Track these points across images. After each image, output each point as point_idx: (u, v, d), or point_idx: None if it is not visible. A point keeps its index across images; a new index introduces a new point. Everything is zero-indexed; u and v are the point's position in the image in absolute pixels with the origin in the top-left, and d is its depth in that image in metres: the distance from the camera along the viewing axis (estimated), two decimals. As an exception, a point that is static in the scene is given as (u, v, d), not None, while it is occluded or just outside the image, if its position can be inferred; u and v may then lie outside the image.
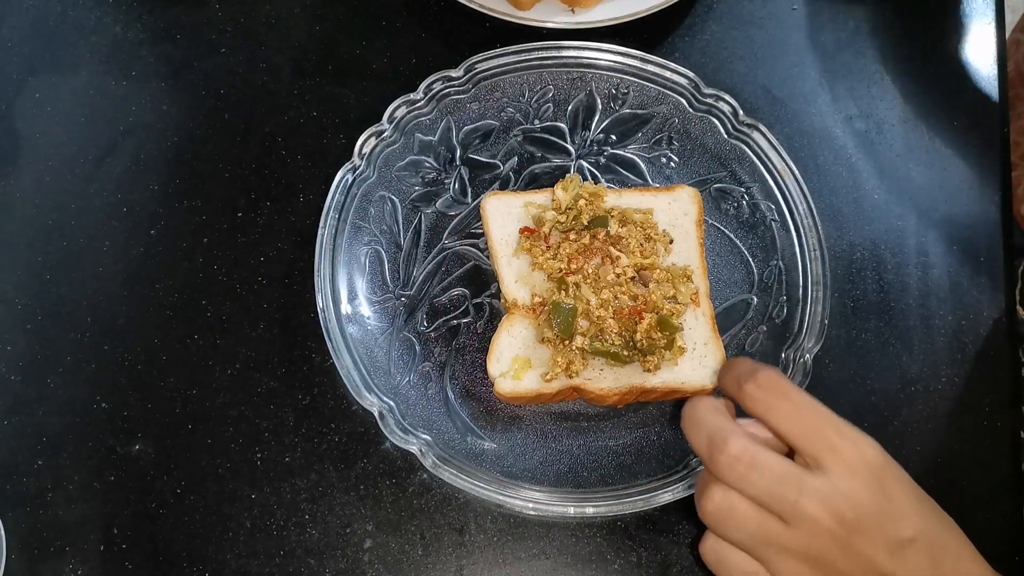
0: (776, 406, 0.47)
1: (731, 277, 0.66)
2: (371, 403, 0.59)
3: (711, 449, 0.46)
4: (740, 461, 0.45)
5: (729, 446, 0.45)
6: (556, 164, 0.68)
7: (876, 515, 0.45)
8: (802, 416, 0.46)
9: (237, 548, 0.60)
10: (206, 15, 0.73)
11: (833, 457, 0.45)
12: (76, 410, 0.62)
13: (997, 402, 0.64)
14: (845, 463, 0.45)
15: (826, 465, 0.45)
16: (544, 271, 0.62)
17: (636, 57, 0.68)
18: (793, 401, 0.47)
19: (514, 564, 0.60)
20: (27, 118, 0.69)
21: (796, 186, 0.65)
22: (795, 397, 0.47)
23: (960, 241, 0.68)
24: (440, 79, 0.66)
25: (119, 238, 0.66)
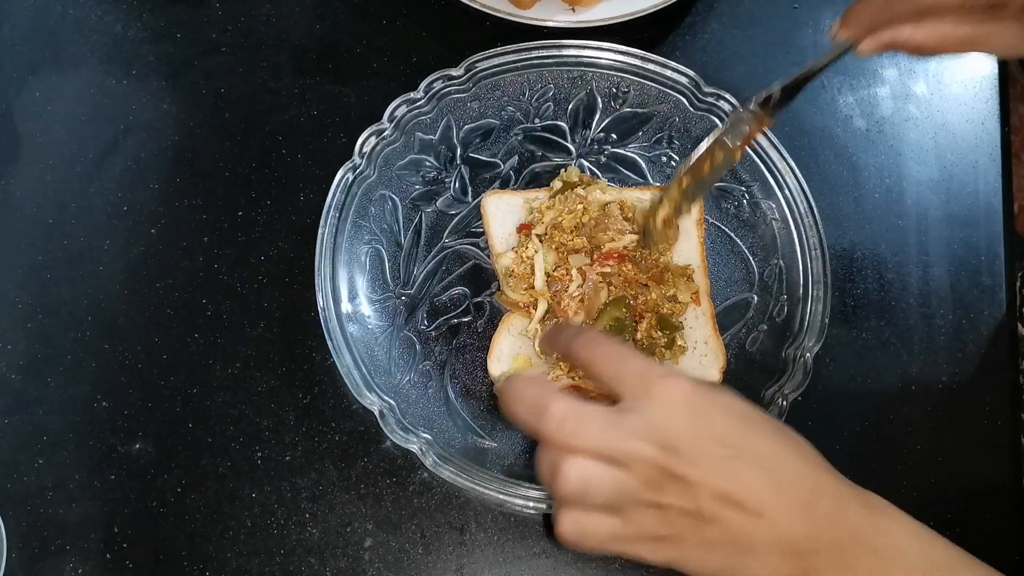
0: (597, 357, 0.48)
1: (731, 276, 0.66)
2: (372, 402, 0.59)
3: (537, 417, 0.46)
4: (568, 418, 0.45)
5: (553, 408, 0.46)
6: (557, 163, 0.68)
7: (693, 435, 0.45)
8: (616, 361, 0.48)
9: (237, 547, 0.60)
10: (207, 14, 0.73)
11: (644, 391, 0.46)
12: (77, 409, 0.62)
13: (997, 402, 0.64)
14: (657, 395, 0.46)
15: (642, 402, 0.46)
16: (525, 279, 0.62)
17: (637, 56, 0.68)
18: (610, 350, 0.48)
19: (514, 563, 0.60)
20: (28, 117, 0.69)
21: (796, 185, 0.65)
22: (612, 347, 0.49)
23: (960, 240, 0.68)
24: (441, 78, 0.66)
25: (119, 237, 0.66)
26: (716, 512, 0.44)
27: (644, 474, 0.45)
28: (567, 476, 0.45)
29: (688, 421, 0.45)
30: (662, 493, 0.45)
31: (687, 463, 0.44)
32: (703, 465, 0.44)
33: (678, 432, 0.45)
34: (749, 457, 0.45)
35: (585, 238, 0.62)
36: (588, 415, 0.45)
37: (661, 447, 0.44)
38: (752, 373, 0.63)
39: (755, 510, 0.44)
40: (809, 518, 0.44)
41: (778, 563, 0.45)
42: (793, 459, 0.46)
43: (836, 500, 0.45)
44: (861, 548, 0.44)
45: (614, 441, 0.45)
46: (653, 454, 0.44)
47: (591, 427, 0.45)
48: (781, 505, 0.44)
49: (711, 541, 0.45)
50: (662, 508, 0.45)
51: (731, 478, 0.44)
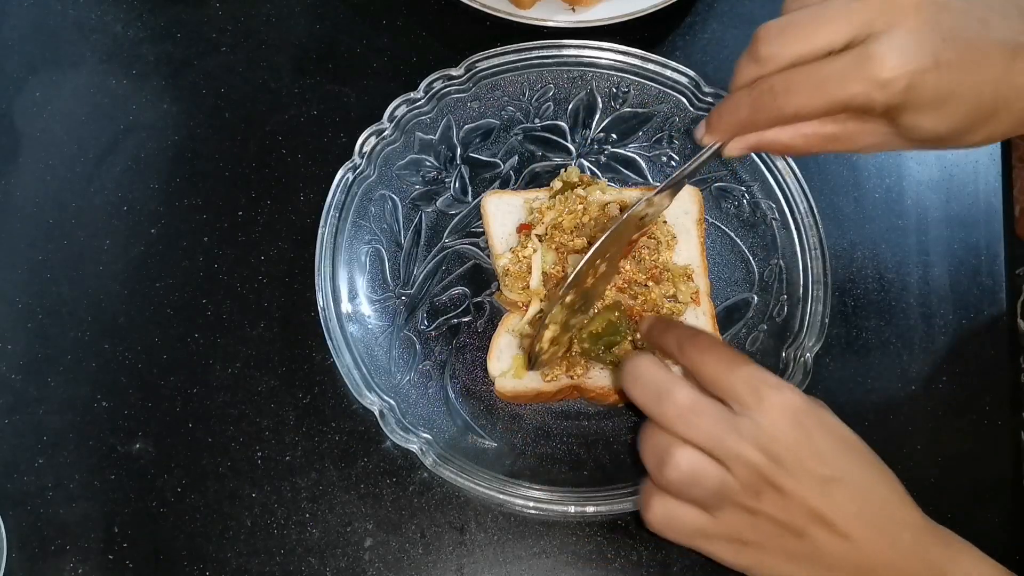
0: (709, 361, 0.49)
1: (732, 276, 0.66)
2: (372, 402, 0.59)
3: (658, 400, 0.48)
4: (689, 408, 0.47)
5: (677, 395, 0.47)
6: (557, 163, 0.68)
7: (798, 451, 0.46)
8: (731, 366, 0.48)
9: (238, 547, 0.60)
10: (207, 14, 0.73)
11: (756, 400, 0.47)
12: (77, 409, 0.62)
13: (997, 401, 0.64)
14: (768, 405, 0.46)
15: (750, 408, 0.47)
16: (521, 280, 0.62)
17: (637, 56, 0.68)
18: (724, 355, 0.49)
19: (514, 563, 0.60)
20: (28, 117, 0.69)
21: (797, 185, 0.65)
22: (725, 352, 0.49)
23: (960, 240, 0.68)
24: (440, 78, 0.66)
25: (120, 237, 0.66)
26: (805, 527, 0.46)
27: (746, 478, 0.46)
28: (676, 463, 0.47)
29: (795, 434, 0.46)
30: (759, 499, 0.46)
31: (787, 475, 0.46)
32: (802, 480, 0.46)
33: (784, 443, 0.46)
34: (846, 481, 0.46)
35: (585, 238, 0.62)
36: (708, 409, 0.47)
37: (767, 455, 0.46)
38: (752, 373, 0.62)
39: (843, 532, 0.46)
40: (891, 548, 0.46)
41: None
42: (885, 490, 0.48)
43: (918, 534, 0.47)
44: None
45: (726, 440, 0.46)
46: (758, 460, 0.46)
47: (708, 421, 0.47)
48: (868, 532, 0.46)
49: (794, 554, 0.47)
50: (754, 514, 0.47)
51: (826, 498, 0.46)
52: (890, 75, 0.44)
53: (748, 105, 0.48)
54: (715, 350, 0.49)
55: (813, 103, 0.46)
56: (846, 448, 0.48)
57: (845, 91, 0.45)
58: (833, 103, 0.46)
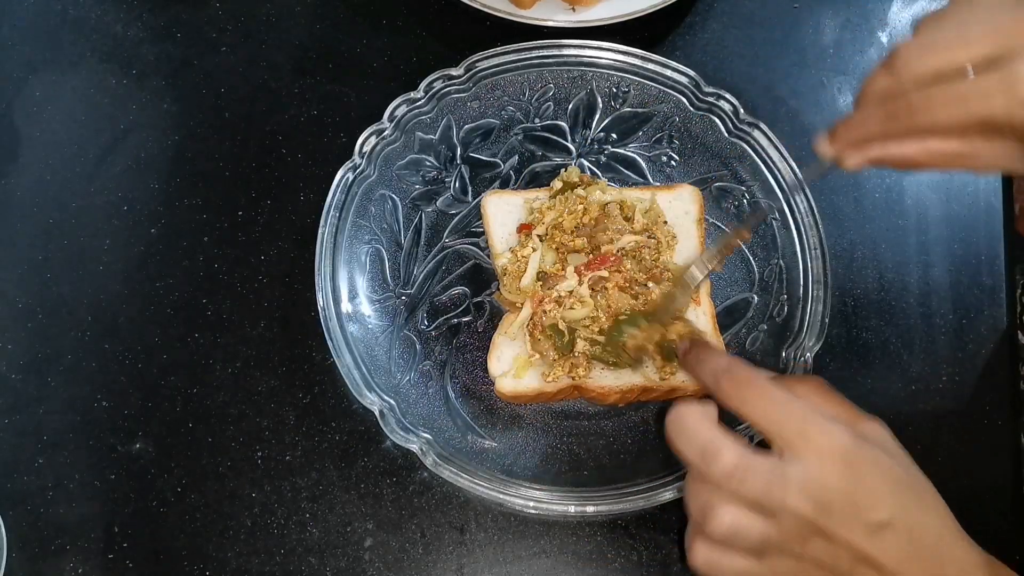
0: (750, 399, 0.48)
1: (732, 276, 0.66)
2: (372, 402, 0.59)
3: (706, 460, 0.47)
4: (738, 468, 0.46)
5: (725, 455, 0.46)
6: (557, 163, 0.68)
7: (848, 498, 0.45)
8: (774, 407, 0.47)
9: (238, 546, 0.60)
10: (207, 13, 0.73)
11: (804, 443, 0.46)
12: (77, 409, 0.62)
13: (997, 401, 0.64)
14: (816, 448, 0.46)
15: (798, 452, 0.46)
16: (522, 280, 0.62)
17: (637, 56, 0.68)
18: (766, 394, 0.48)
19: (514, 563, 0.60)
20: (28, 116, 0.69)
21: (797, 185, 0.65)
22: (767, 390, 0.48)
23: (960, 240, 0.68)
24: (441, 78, 0.66)
25: (120, 236, 0.66)
26: (852, 570, 0.46)
27: (793, 527, 0.46)
28: (720, 520, 0.46)
29: (843, 477, 0.46)
30: (805, 546, 0.46)
31: (836, 522, 0.45)
32: (851, 526, 0.45)
33: (833, 489, 0.45)
34: (895, 521, 0.46)
35: (585, 239, 0.62)
36: (756, 467, 0.46)
37: (815, 504, 0.45)
38: (752, 373, 0.62)
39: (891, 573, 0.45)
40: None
41: None
42: (936, 528, 0.47)
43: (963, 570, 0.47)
44: None
45: (774, 495, 0.46)
46: (807, 511, 0.45)
47: (757, 480, 0.46)
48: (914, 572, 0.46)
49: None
50: (800, 559, 0.46)
51: (875, 541, 0.45)
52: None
53: (881, 117, 0.47)
54: (755, 387, 0.48)
55: (952, 118, 0.45)
56: (898, 488, 0.47)
57: (987, 108, 0.44)
58: (973, 119, 0.45)
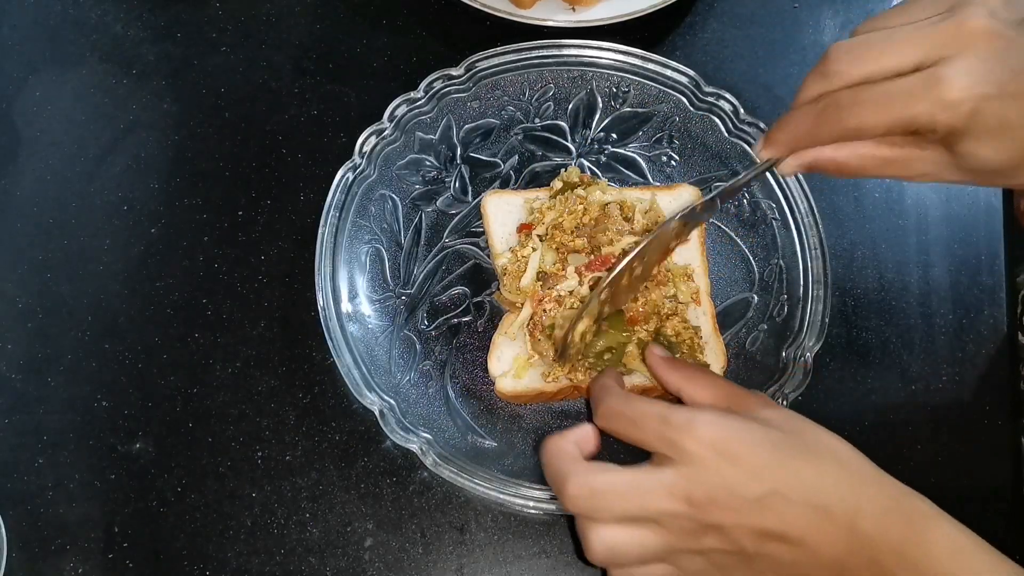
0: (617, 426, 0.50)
1: (732, 276, 0.66)
2: (372, 402, 0.59)
3: (559, 489, 0.48)
4: (580, 497, 0.47)
5: (567, 488, 0.47)
6: (557, 163, 0.68)
7: (724, 483, 0.46)
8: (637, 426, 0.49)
9: (238, 546, 0.60)
10: (207, 13, 0.73)
11: (674, 450, 0.47)
12: (77, 408, 0.62)
13: (997, 401, 0.64)
14: (685, 451, 0.46)
15: (671, 458, 0.47)
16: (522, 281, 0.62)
17: (637, 56, 0.68)
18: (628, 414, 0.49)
19: (514, 563, 0.60)
20: (28, 116, 0.69)
21: (797, 185, 0.65)
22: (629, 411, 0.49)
23: (960, 240, 0.68)
24: (441, 77, 0.66)
25: (120, 236, 0.66)
26: (759, 548, 0.46)
27: (679, 527, 0.46)
28: (592, 548, 0.47)
29: (716, 468, 0.46)
30: (701, 541, 0.46)
31: (721, 510, 0.45)
32: (738, 508, 0.45)
33: (709, 482, 0.46)
34: (787, 489, 0.46)
35: (586, 239, 0.62)
36: (604, 488, 0.47)
37: (689, 503, 0.46)
38: (752, 373, 0.63)
39: (797, 540, 0.45)
40: (850, 539, 0.45)
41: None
42: (832, 479, 0.47)
43: (877, 517, 0.46)
44: (901, 565, 0.45)
45: (637, 506, 0.46)
46: (683, 509, 0.46)
47: (608, 500, 0.46)
48: (823, 532, 0.45)
49: (759, 571, 0.47)
50: (704, 553, 0.47)
51: (768, 515, 0.45)
52: (956, 96, 0.44)
53: (812, 119, 0.48)
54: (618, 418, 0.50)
55: (877, 119, 0.46)
56: (777, 453, 0.47)
57: (910, 109, 0.45)
58: (897, 121, 0.46)
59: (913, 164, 0.49)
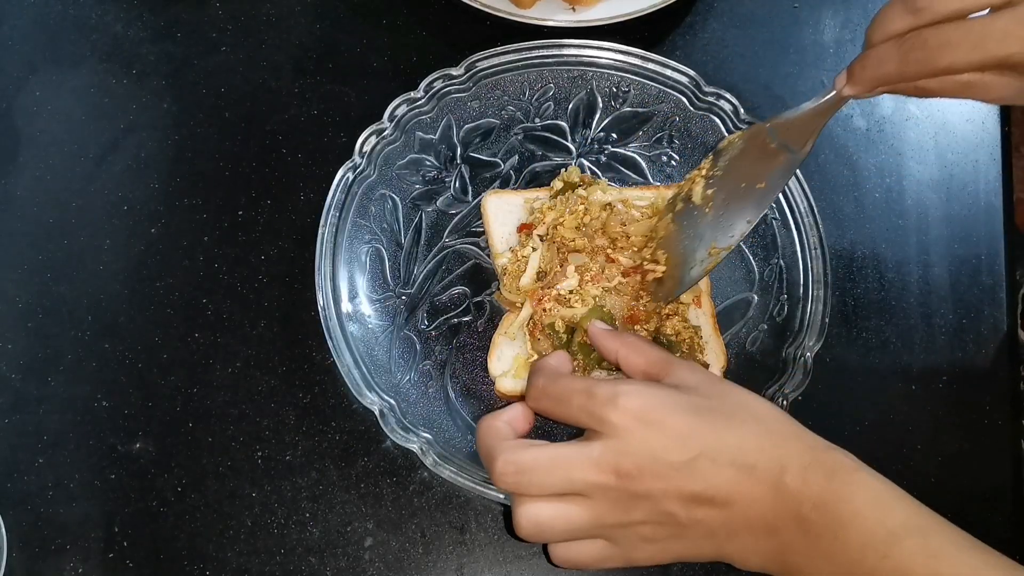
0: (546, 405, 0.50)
1: (732, 275, 0.66)
2: (372, 401, 0.59)
3: (488, 467, 0.48)
4: (507, 474, 0.47)
5: (495, 465, 0.47)
6: (557, 162, 0.68)
7: (648, 452, 0.46)
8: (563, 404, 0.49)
9: (238, 546, 0.60)
10: (207, 13, 0.73)
11: (600, 424, 0.47)
12: (77, 408, 0.62)
13: (997, 401, 0.64)
14: (612, 424, 0.46)
15: (598, 432, 0.47)
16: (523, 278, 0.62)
17: (637, 55, 0.68)
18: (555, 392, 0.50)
19: (514, 562, 0.60)
20: (28, 116, 0.69)
21: (797, 184, 0.65)
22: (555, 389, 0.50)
23: (961, 239, 0.68)
24: (441, 77, 0.66)
25: (120, 236, 0.66)
26: (689, 513, 0.46)
27: (607, 499, 0.46)
28: (519, 523, 0.47)
29: (642, 437, 0.46)
30: (631, 513, 0.46)
31: (649, 479, 0.46)
32: (666, 475, 0.46)
33: (636, 452, 0.46)
34: (712, 452, 0.46)
35: (586, 239, 0.62)
36: (530, 464, 0.47)
37: (617, 474, 0.46)
38: (752, 373, 0.63)
39: (725, 501, 0.46)
40: (775, 496, 0.45)
41: (756, 541, 0.46)
42: (754, 441, 0.47)
43: (800, 473, 0.46)
44: (824, 518, 0.45)
45: (564, 480, 0.46)
46: (610, 481, 0.46)
47: (534, 475, 0.46)
48: (748, 490, 0.46)
49: (694, 537, 0.47)
50: (635, 525, 0.47)
51: (695, 478, 0.46)
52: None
53: (898, 58, 0.48)
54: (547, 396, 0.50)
55: (969, 58, 0.46)
56: (704, 418, 0.47)
57: (1005, 49, 0.45)
58: (990, 60, 0.46)
59: (992, 89, 0.49)
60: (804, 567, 0.46)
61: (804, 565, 0.45)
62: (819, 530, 0.45)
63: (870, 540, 0.44)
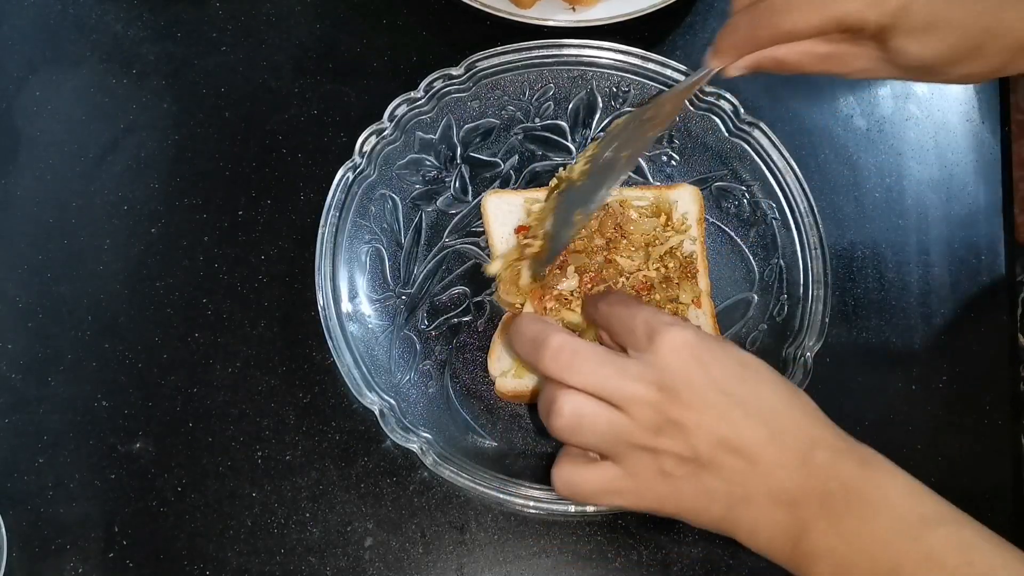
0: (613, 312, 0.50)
1: (732, 275, 0.66)
2: (372, 401, 0.59)
3: (536, 348, 0.48)
4: (563, 350, 0.47)
5: (550, 340, 0.47)
6: (557, 162, 0.68)
7: (693, 382, 0.46)
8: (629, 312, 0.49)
9: (238, 546, 0.60)
10: (207, 13, 0.73)
11: (649, 342, 0.47)
12: (77, 408, 0.62)
13: (997, 402, 0.64)
14: (662, 344, 0.46)
15: (645, 349, 0.47)
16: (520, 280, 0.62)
17: (637, 55, 0.68)
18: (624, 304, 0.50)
19: (515, 562, 0.60)
20: (28, 116, 0.69)
21: (797, 184, 0.65)
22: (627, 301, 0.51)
23: (961, 239, 0.68)
24: (441, 77, 0.66)
25: (120, 236, 0.66)
26: (713, 457, 0.45)
27: (642, 416, 0.46)
28: (560, 409, 0.46)
29: (689, 366, 0.46)
30: (659, 437, 0.46)
31: (685, 407, 0.45)
32: (701, 410, 0.45)
33: (678, 376, 0.46)
34: (748, 405, 0.46)
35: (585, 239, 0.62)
36: (585, 350, 0.47)
37: (659, 389, 0.45)
38: (752, 373, 0.62)
39: (752, 457, 0.45)
40: (804, 468, 0.45)
41: (773, 512, 0.45)
42: (792, 410, 0.47)
43: (832, 452, 0.46)
44: (852, 499, 0.44)
45: (611, 379, 0.46)
46: (651, 396, 0.45)
47: (588, 363, 0.46)
48: (777, 454, 0.45)
49: (708, 489, 0.46)
50: (659, 453, 0.46)
51: (729, 424, 0.45)
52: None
53: (747, 24, 0.51)
54: (617, 304, 0.50)
55: (809, 20, 0.49)
56: (745, 371, 0.47)
57: (840, 8, 0.48)
58: (828, 20, 0.48)
59: (849, 60, 0.52)
60: (818, 547, 0.44)
61: (818, 545, 0.44)
62: (844, 510, 0.44)
63: (901, 525, 0.44)
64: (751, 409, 0.46)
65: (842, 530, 0.44)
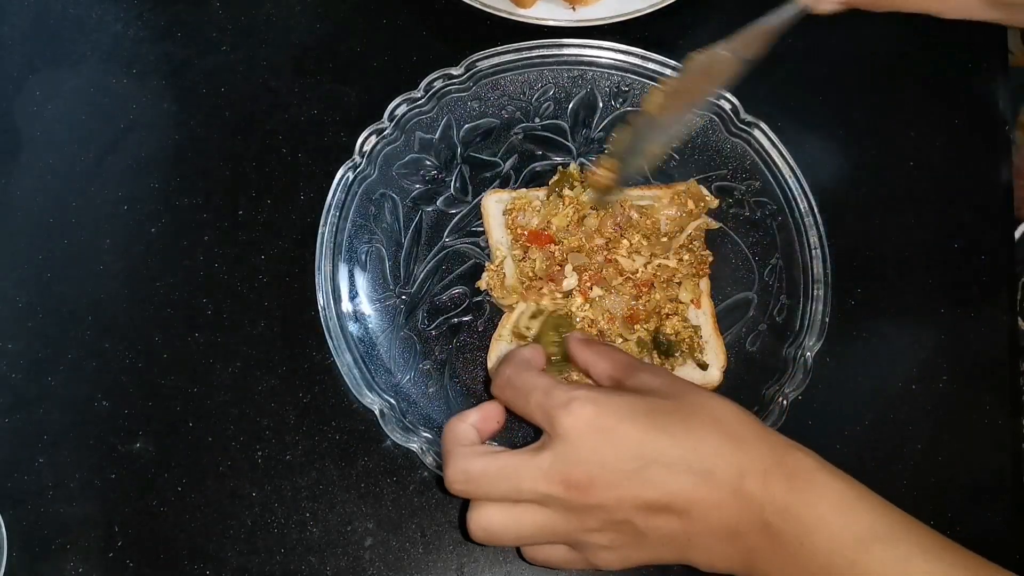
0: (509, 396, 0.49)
1: (732, 275, 0.66)
2: (372, 401, 0.59)
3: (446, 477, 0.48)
4: (457, 481, 0.47)
5: (446, 472, 0.47)
6: (557, 162, 0.68)
7: (602, 463, 0.45)
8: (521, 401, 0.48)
9: (238, 546, 0.60)
10: (207, 13, 0.73)
11: (552, 427, 0.46)
12: (77, 408, 0.62)
13: (998, 401, 0.64)
14: (564, 428, 0.46)
15: (551, 437, 0.46)
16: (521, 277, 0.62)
17: (637, 55, 0.68)
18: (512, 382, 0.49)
19: (514, 562, 0.60)
20: (28, 116, 0.69)
21: (797, 184, 0.65)
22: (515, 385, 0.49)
23: (962, 238, 0.68)
24: (441, 77, 0.66)
25: (120, 236, 0.66)
26: (646, 522, 0.45)
27: (561, 508, 0.46)
28: (469, 527, 0.47)
29: (596, 446, 0.45)
30: (585, 521, 0.46)
31: (602, 488, 0.45)
32: (617, 485, 0.45)
33: (591, 461, 0.45)
34: (667, 457, 0.45)
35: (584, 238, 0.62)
36: (479, 473, 0.46)
37: (567, 485, 0.45)
38: (752, 372, 0.63)
39: (682, 509, 0.45)
40: (736, 502, 0.45)
41: (720, 547, 0.46)
42: (713, 444, 0.46)
43: (762, 477, 0.45)
44: (789, 522, 0.44)
45: (512, 488, 0.46)
46: (558, 492, 0.45)
47: (482, 484, 0.46)
48: (708, 495, 0.45)
49: (654, 544, 0.46)
50: (594, 531, 0.46)
51: (651, 486, 0.45)
52: None
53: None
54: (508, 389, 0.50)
55: None
56: (656, 422, 0.46)
57: None
58: None
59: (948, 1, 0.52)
60: (770, 569, 0.45)
61: (770, 569, 0.45)
62: (784, 536, 0.44)
63: (837, 547, 0.44)
64: (671, 458, 0.45)
65: (787, 556, 0.45)
